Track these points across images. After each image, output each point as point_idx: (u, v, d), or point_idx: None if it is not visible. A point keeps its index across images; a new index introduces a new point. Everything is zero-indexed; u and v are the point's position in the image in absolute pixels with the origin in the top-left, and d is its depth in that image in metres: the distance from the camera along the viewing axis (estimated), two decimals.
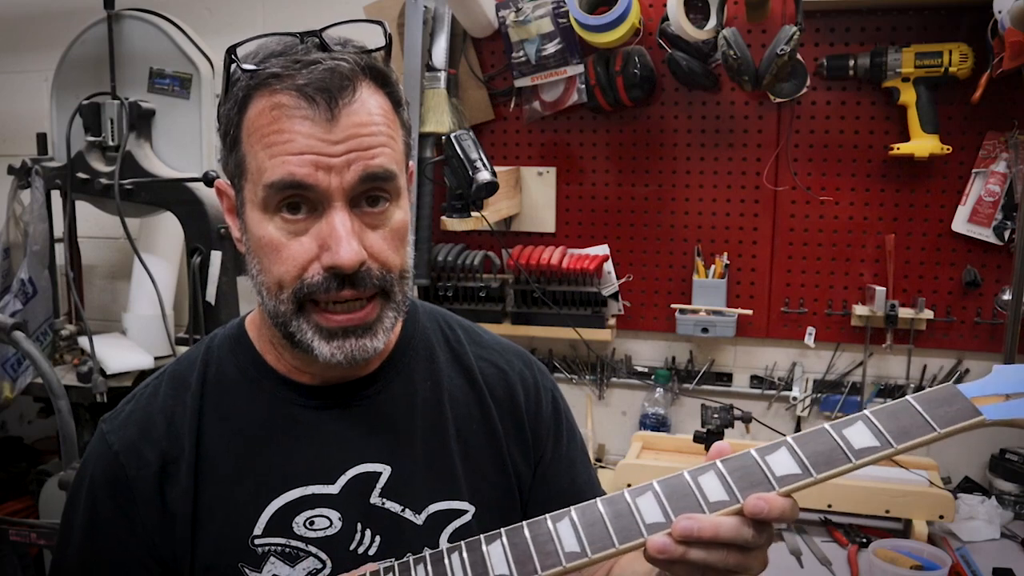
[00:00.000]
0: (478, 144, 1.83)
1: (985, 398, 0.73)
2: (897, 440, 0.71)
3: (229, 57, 0.82)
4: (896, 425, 0.72)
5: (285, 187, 0.79)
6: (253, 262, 0.85)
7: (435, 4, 2.14)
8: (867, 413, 0.74)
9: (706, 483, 0.74)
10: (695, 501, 0.73)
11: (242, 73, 0.81)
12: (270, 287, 0.83)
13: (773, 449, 0.74)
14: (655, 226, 2.18)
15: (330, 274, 0.80)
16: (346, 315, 0.83)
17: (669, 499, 0.74)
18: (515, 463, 1.00)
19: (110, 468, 0.90)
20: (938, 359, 2.04)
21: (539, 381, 1.05)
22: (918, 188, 1.99)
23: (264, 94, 0.80)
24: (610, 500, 0.76)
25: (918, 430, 0.72)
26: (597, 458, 2.24)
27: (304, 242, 0.81)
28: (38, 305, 2.05)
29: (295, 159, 0.78)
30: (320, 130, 0.78)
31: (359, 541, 0.90)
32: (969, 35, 1.87)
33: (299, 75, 0.78)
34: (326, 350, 0.83)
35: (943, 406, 0.72)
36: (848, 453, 0.72)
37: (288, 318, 0.83)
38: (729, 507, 0.71)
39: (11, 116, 2.66)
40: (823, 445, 0.73)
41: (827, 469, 0.72)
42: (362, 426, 0.92)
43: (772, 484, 0.72)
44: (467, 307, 2.19)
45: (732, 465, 0.74)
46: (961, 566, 1.63)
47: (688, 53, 2.00)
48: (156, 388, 0.95)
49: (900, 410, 0.73)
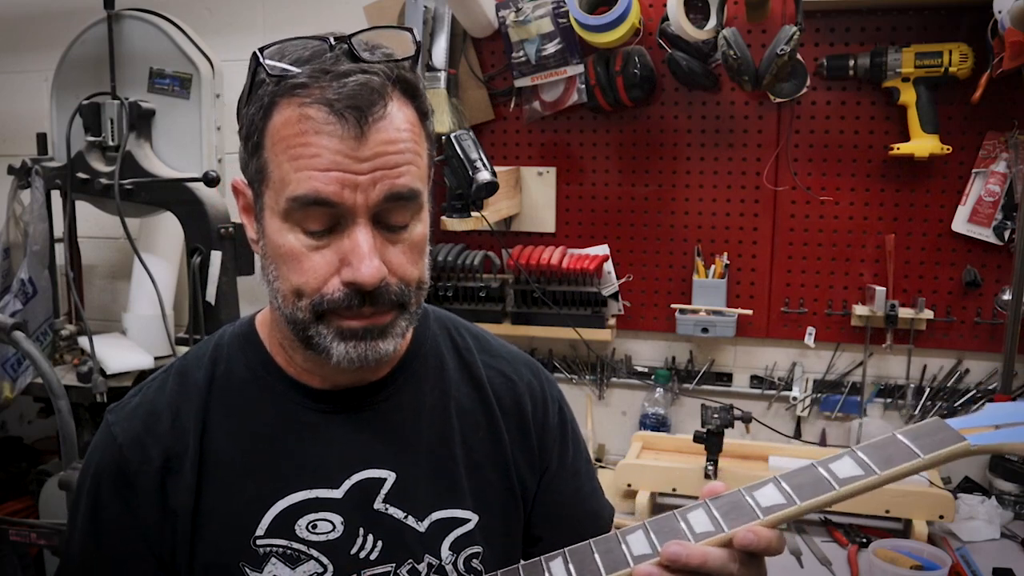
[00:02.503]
0: (478, 144, 1.83)
1: (972, 429, 0.74)
2: (881, 467, 0.73)
3: (256, 59, 0.80)
4: (881, 455, 0.74)
5: (309, 203, 0.78)
6: (270, 267, 0.84)
7: (435, 4, 2.14)
8: (854, 448, 0.76)
9: (694, 518, 0.76)
10: (682, 533, 0.75)
11: (270, 78, 0.79)
12: (287, 294, 0.83)
13: (760, 485, 0.77)
14: (655, 226, 2.18)
15: (351, 290, 0.80)
16: (364, 320, 0.83)
17: (657, 533, 0.76)
18: (520, 473, 1.00)
19: (114, 460, 0.90)
20: (938, 359, 2.04)
21: (547, 391, 1.05)
22: (918, 188, 1.99)
23: (291, 103, 0.78)
24: (602, 540, 0.80)
25: (902, 457, 0.73)
26: (597, 458, 2.24)
27: (325, 255, 0.80)
28: (38, 305, 2.05)
29: (321, 175, 0.77)
30: (348, 147, 0.77)
31: (360, 546, 0.90)
32: (969, 35, 1.87)
33: (329, 88, 0.77)
34: (341, 350, 0.83)
35: (928, 436, 0.74)
36: (832, 482, 0.74)
37: (307, 324, 0.83)
38: (715, 536, 0.74)
39: (11, 116, 2.66)
40: (809, 477, 0.75)
41: (811, 498, 0.74)
42: (369, 431, 0.92)
43: (758, 514, 0.74)
44: (467, 307, 2.19)
45: (720, 501, 0.77)
46: (961, 566, 1.63)
47: (688, 53, 2.00)
48: (163, 382, 0.94)
49: (886, 443, 0.76)
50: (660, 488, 1.90)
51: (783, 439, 2.12)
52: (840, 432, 2.12)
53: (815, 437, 2.13)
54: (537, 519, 1.04)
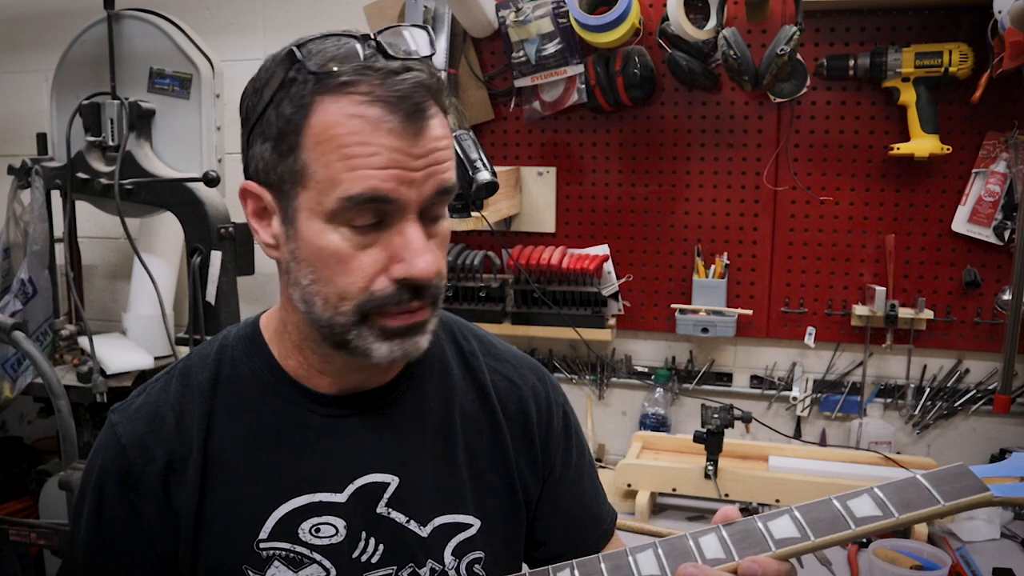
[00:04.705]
0: (478, 144, 1.83)
1: (996, 479, 0.73)
2: (899, 511, 0.73)
3: (292, 57, 0.79)
4: (900, 498, 0.74)
5: (367, 201, 0.77)
6: (304, 271, 0.82)
7: (435, 4, 2.14)
8: (874, 488, 0.76)
9: (706, 543, 0.77)
10: (692, 556, 0.76)
11: (308, 75, 0.78)
12: (328, 297, 0.81)
13: (777, 515, 0.76)
14: (655, 226, 2.18)
15: (402, 285, 0.80)
16: (409, 315, 0.83)
17: (668, 555, 0.77)
18: (523, 478, 1.00)
19: (117, 461, 0.90)
20: (938, 359, 2.04)
21: (551, 396, 1.05)
22: (918, 188, 1.99)
23: (338, 101, 0.77)
24: (611, 555, 0.80)
25: (922, 503, 0.73)
26: (597, 458, 2.24)
27: (371, 254, 0.80)
28: (38, 305, 2.05)
29: (380, 173, 0.76)
30: (406, 144, 0.77)
31: (363, 549, 0.90)
32: (969, 35, 1.87)
33: (382, 86, 0.76)
34: (385, 350, 0.83)
35: (950, 482, 0.74)
36: (849, 520, 0.74)
37: (347, 328, 0.82)
38: (724, 565, 0.74)
39: (11, 116, 2.66)
40: (826, 513, 0.75)
41: (827, 535, 0.74)
42: (373, 435, 0.92)
43: (769, 545, 0.74)
44: (467, 307, 2.19)
45: (734, 528, 0.77)
46: (961, 566, 1.63)
47: (688, 53, 2.00)
48: (167, 383, 0.94)
49: (907, 485, 0.75)
50: (660, 488, 1.90)
51: (783, 439, 2.12)
52: (840, 432, 2.12)
53: (815, 437, 2.14)
54: (540, 524, 1.04)
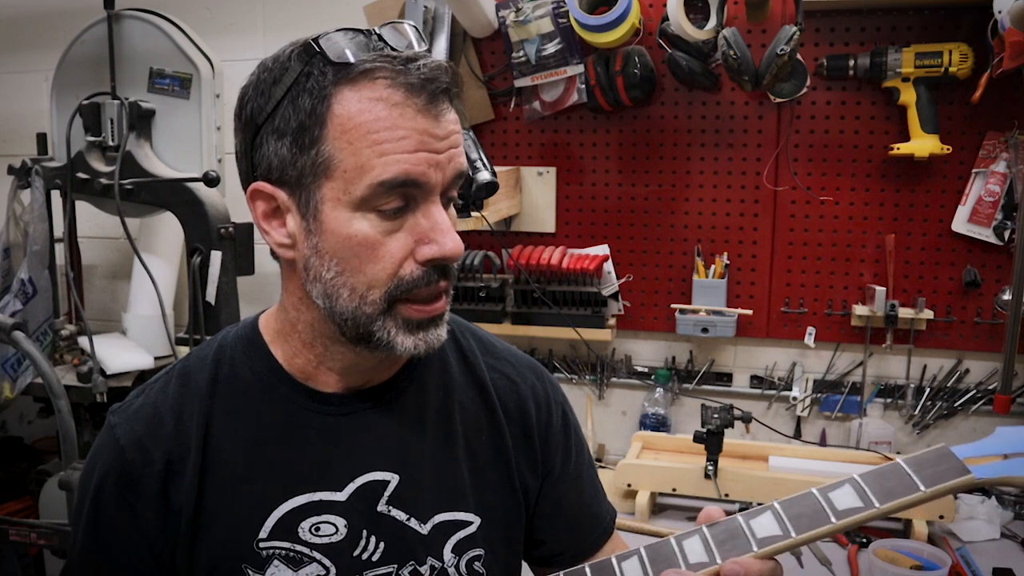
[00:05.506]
0: (478, 144, 1.83)
1: (980, 459, 0.73)
2: (881, 500, 0.73)
3: (311, 50, 0.80)
4: (882, 486, 0.74)
5: (398, 185, 0.79)
6: (328, 264, 0.82)
7: (435, 4, 2.14)
8: (855, 476, 0.76)
9: (689, 547, 0.77)
10: (676, 563, 0.76)
11: (326, 67, 0.79)
12: (356, 287, 0.82)
13: (759, 512, 0.77)
14: (655, 226, 2.18)
15: (430, 267, 0.82)
16: (432, 305, 0.85)
17: (652, 562, 0.77)
18: (523, 476, 1.00)
19: (116, 462, 0.90)
20: (938, 359, 2.04)
21: (551, 395, 1.06)
22: (918, 188, 1.99)
23: (361, 89, 0.78)
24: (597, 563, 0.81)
25: (903, 490, 0.73)
26: (597, 458, 2.24)
27: (398, 238, 0.81)
28: (38, 305, 2.05)
29: (410, 157, 0.78)
30: (430, 126, 0.79)
31: (363, 547, 0.90)
32: (969, 35, 1.87)
33: (404, 71, 0.78)
34: (409, 342, 0.84)
35: (932, 466, 0.74)
36: (830, 514, 0.74)
37: (373, 318, 0.83)
38: (707, 568, 0.74)
39: (11, 116, 2.66)
40: (807, 507, 0.75)
41: (808, 530, 0.74)
42: (373, 434, 0.92)
43: (752, 546, 0.74)
44: (467, 307, 2.19)
45: (717, 528, 0.77)
46: (961, 566, 1.63)
47: (688, 53, 2.00)
48: (166, 384, 0.94)
49: (888, 471, 0.75)
50: (660, 488, 1.90)
51: (783, 439, 2.12)
52: (840, 432, 2.12)
53: (815, 437, 2.14)
54: (539, 522, 1.04)
